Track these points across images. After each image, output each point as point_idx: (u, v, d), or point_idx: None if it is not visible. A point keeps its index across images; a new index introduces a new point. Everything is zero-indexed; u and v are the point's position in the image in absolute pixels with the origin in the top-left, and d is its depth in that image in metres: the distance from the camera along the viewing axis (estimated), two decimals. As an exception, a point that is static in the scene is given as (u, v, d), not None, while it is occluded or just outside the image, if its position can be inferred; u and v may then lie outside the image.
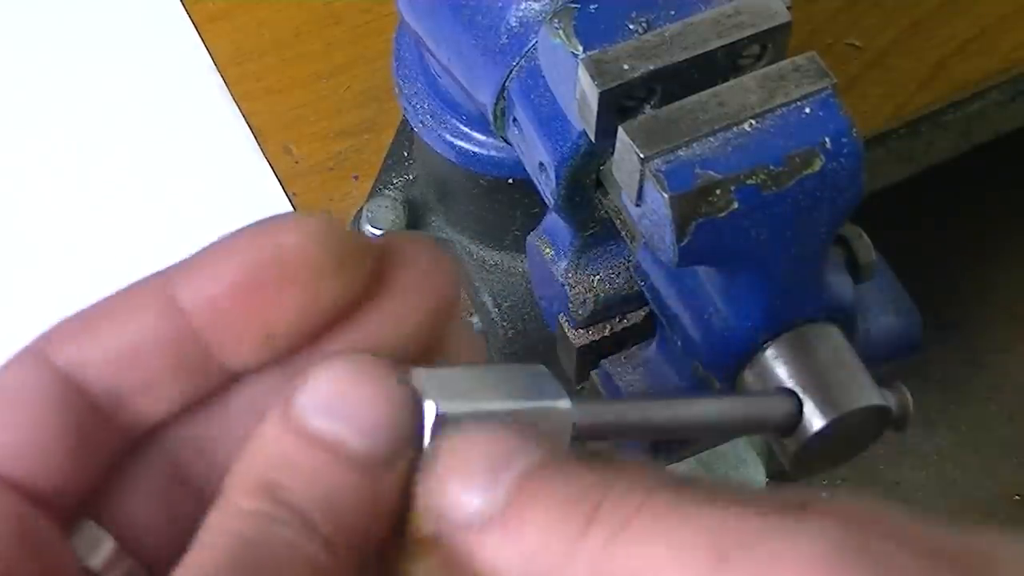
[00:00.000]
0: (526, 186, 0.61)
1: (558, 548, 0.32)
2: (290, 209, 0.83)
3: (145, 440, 0.35)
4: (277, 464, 0.33)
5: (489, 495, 0.32)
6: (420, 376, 0.35)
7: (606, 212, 0.58)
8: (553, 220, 0.62)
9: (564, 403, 0.36)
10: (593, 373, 0.62)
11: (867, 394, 0.52)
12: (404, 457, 0.34)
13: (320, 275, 0.34)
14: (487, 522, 0.32)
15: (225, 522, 0.33)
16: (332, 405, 0.33)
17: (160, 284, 0.35)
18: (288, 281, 0.34)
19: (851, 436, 0.53)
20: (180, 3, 0.90)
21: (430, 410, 0.34)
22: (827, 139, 0.50)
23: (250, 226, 0.35)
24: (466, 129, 0.72)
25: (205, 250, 0.35)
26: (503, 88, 0.58)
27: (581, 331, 0.63)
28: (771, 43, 0.51)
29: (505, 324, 0.77)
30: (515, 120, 0.58)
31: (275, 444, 0.33)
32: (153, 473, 0.35)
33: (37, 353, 0.34)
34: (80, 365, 0.34)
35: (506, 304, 0.77)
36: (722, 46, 0.51)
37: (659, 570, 0.31)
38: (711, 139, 0.49)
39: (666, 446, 0.64)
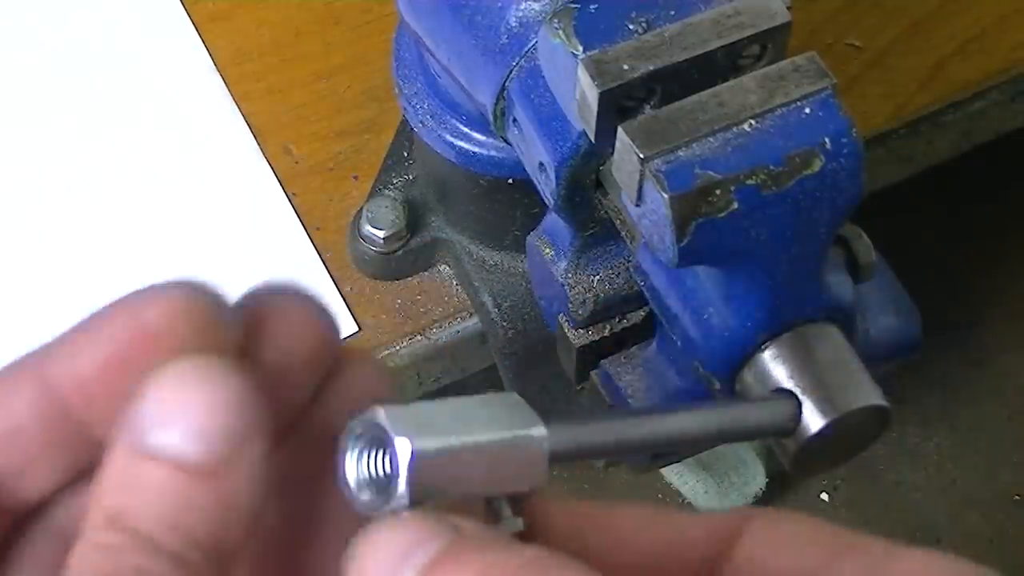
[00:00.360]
0: (526, 186, 0.61)
1: None
2: (290, 209, 0.83)
3: (32, 514, 0.35)
4: (121, 490, 0.33)
5: None
6: (386, 413, 0.34)
7: (606, 212, 0.58)
8: (553, 220, 0.62)
9: (539, 430, 0.35)
10: (593, 373, 0.62)
11: (866, 394, 0.52)
12: (250, 452, 0.33)
13: (184, 347, 0.33)
14: None
15: (79, 562, 0.32)
16: (163, 416, 0.33)
17: (32, 366, 0.34)
18: (154, 356, 0.33)
19: (851, 436, 0.53)
20: (180, 3, 0.90)
21: (404, 448, 0.33)
22: (827, 139, 0.50)
23: (115, 301, 0.34)
24: (466, 129, 0.72)
25: (74, 329, 0.35)
26: (503, 88, 0.58)
27: (581, 331, 0.63)
28: (771, 43, 0.51)
29: (505, 324, 0.77)
30: (515, 120, 0.58)
31: (118, 469, 0.33)
32: (42, 545, 0.35)
33: None
34: None
35: (506, 304, 0.77)
36: (722, 46, 0.51)
37: None
38: (711, 139, 0.49)
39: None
